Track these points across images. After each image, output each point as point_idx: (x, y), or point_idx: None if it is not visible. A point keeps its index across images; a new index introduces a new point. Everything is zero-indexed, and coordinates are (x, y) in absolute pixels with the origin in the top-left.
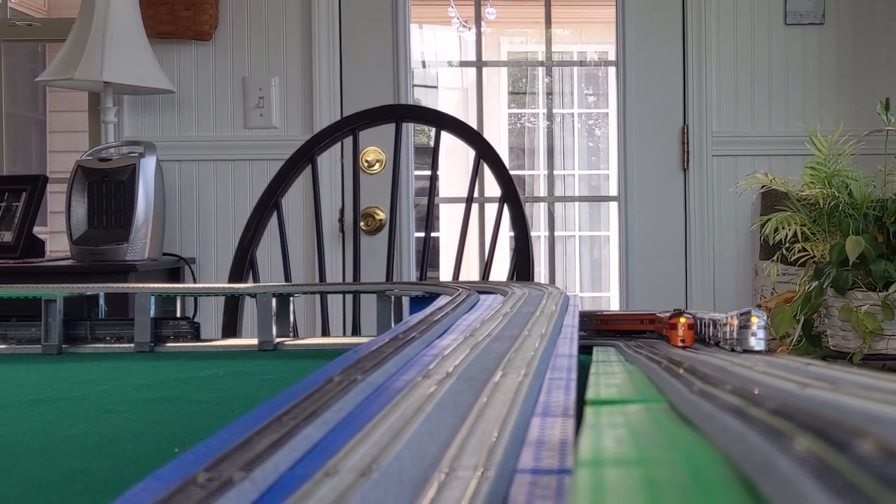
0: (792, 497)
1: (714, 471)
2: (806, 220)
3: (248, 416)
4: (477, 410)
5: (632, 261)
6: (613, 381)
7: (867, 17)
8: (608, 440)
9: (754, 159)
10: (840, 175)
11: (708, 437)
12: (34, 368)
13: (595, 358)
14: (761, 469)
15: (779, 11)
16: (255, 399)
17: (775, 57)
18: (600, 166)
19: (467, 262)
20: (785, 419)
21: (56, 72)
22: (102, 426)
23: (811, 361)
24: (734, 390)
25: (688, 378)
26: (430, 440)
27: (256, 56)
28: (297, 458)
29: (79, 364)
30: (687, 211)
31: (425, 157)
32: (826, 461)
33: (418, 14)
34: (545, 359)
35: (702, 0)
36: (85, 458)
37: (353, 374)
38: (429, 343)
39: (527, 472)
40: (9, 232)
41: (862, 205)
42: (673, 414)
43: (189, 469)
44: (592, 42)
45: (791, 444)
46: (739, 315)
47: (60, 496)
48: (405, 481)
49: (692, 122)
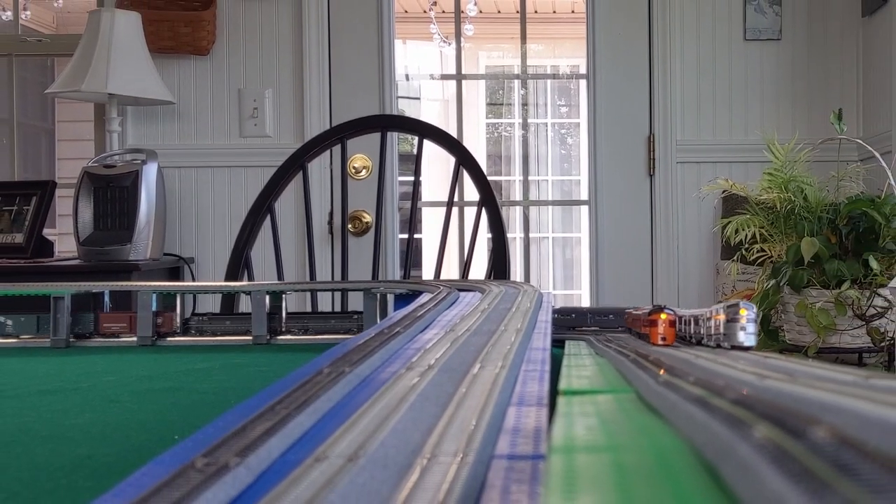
0: (751, 481)
1: (679, 457)
2: (764, 223)
3: (242, 405)
4: (457, 400)
5: (601, 261)
6: (584, 372)
7: (821, 33)
8: (579, 428)
9: (716, 166)
10: (796, 181)
11: (673, 426)
12: (43, 361)
13: (567, 351)
14: (722, 455)
15: (738, 28)
16: (249, 390)
17: (735, 70)
18: (572, 172)
19: (448, 261)
20: (744, 409)
21: (64, 84)
22: (107, 415)
23: (769, 355)
24: (697, 382)
25: (654, 370)
26: (414, 428)
27: (251, 69)
28: (289, 445)
29: (85, 357)
30: (653, 214)
31: (409, 163)
32: (783, 448)
33: (402, 30)
34: (520, 352)
35: (667, 17)
36: (91, 445)
37: (342, 366)
38: (412, 337)
39: (503, 458)
40: (20, 234)
41: (816, 208)
42: (640, 403)
43: (188, 455)
44: (564, 56)
45: (750, 432)
46: (726, 308)
47: (68, 480)
48: (390, 466)
49: (658, 131)
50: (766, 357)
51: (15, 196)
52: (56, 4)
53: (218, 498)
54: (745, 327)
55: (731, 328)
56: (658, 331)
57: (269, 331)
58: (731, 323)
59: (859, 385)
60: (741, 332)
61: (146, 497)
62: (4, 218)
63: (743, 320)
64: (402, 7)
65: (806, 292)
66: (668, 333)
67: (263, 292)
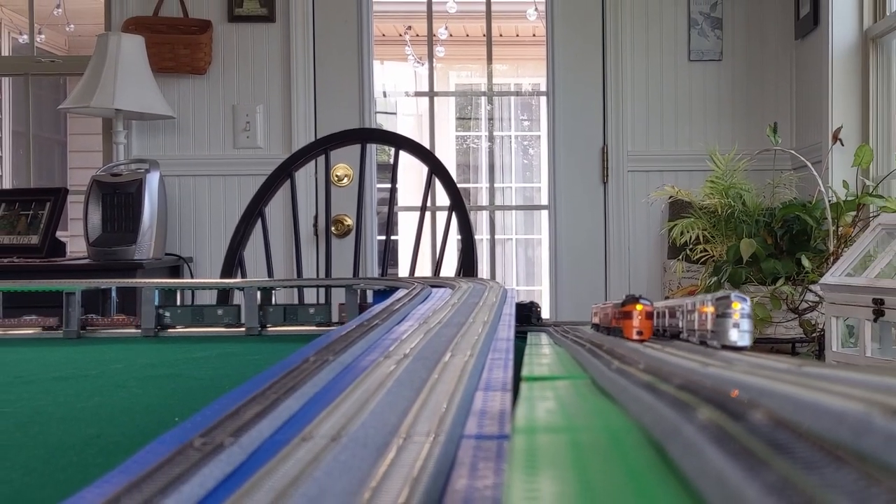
0: (695, 459)
1: (629, 437)
2: (706, 226)
3: (236, 390)
4: (430, 386)
5: (560, 260)
6: (544, 360)
7: (758, 54)
8: (540, 411)
9: (663, 174)
10: (735, 187)
11: (624, 408)
12: (57, 350)
13: (529, 341)
14: (669, 435)
15: (683, 50)
16: (242, 376)
17: (681, 88)
18: (533, 180)
19: (421, 260)
20: (689, 393)
21: (75, 101)
22: (115, 399)
23: (766, 356)
24: (646, 368)
25: (607, 358)
26: (391, 410)
27: (244, 87)
28: (278, 426)
29: (94, 346)
30: (606, 218)
31: (386, 172)
32: (724, 428)
33: (380, 52)
34: (487, 342)
35: (619, 40)
36: (100, 426)
37: (326, 354)
38: (389, 329)
39: (472, 438)
40: (35, 235)
41: (754, 212)
42: (594, 388)
43: (187, 435)
44: (527, 76)
45: (694, 415)
46: (716, 301)
47: (79, 457)
48: (369, 445)
49: (611, 143)
50: (764, 358)
51: (31, 201)
52: (68, 28)
53: (214, 474)
54: (738, 324)
55: (722, 324)
56: (633, 324)
57: (259, 323)
58: (721, 318)
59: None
60: (734, 330)
61: (150, 473)
62: (21, 221)
63: (736, 315)
64: (380, 31)
65: (744, 288)
66: (644, 327)
67: (255, 288)
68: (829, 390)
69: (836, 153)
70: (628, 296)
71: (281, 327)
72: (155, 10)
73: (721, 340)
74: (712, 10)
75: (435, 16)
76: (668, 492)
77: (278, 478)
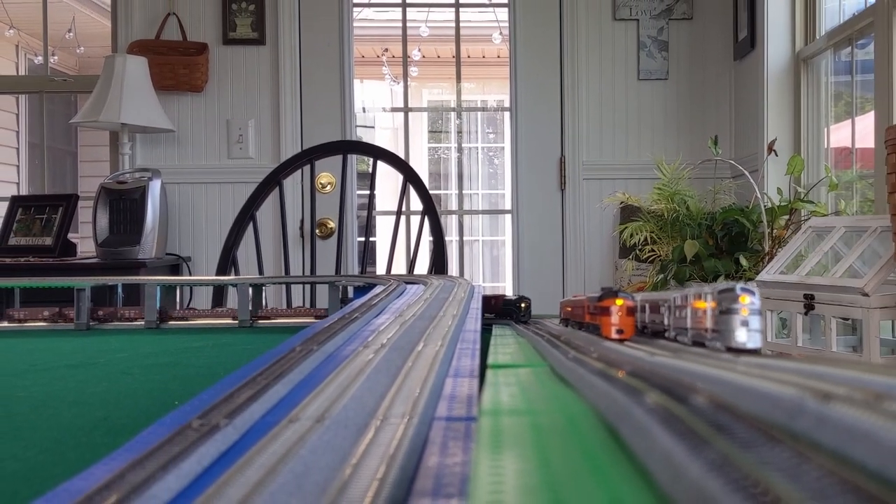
0: (644, 439)
1: (585, 419)
2: (654, 228)
3: (230, 376)
4: (404, 372)
5: (522, 259)
6: (508, 350)
7: (700, 74)
8: (504, 395)
9: (615, 182)
10: (680, 194)
11: (580, 393)
12: (68, 340)
13: (494, 332)
14: (621, 417)
15: (633, 69)
16: (235, 364)
17: (630, 104)
18: (498, 187)
19: (397, 260)
20: (638, 379)
21: (85, 115)
22: (120, 385)
23: (786, 357)
24: (599, 357)
25: (564, 348)
26: (369, 395)
27: (237, 104)
28: (268, 409)
29: (102, 337)
30: (563, 221)
31: (365, 180)
32: (670, 411)
33: (360, 72)
34: (456, 333)
35: (575, 61)
36: (107, 409)
37: (311, 344)
38: (368, 321)
39: (442, 419)
40: (49, 237)
41: (696, 216)
42: (553, 375)
43: (186, 417)
44: (492, 93)
45: (643, 399)
46: (718, 294)
47: (88, 438)
48: (350, 426)
49: (568, 154)
50: (784, 360)
51: (45, 206)
52: (78, 50)
53: (210, 452)
54: (746, 321)
55: (726, 322)
56: (612, 321)
57: (251, 316)
58: (725, 315)
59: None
60: (741, 329)
61: (152, 451)
62: (36, 224)
63: (744, 311)
64: (360, 53)
65: (688, 285)
66: (625, 324)
67: (247, 285)
68: (765, 377)
69: (770, 163)
70: (605, 289)
71: (270, 320)
72: (157, 34)
73: (726, 341)
74: (659, 34)
75: (409, 39)
76: (619, 469)
77: (268, 456)
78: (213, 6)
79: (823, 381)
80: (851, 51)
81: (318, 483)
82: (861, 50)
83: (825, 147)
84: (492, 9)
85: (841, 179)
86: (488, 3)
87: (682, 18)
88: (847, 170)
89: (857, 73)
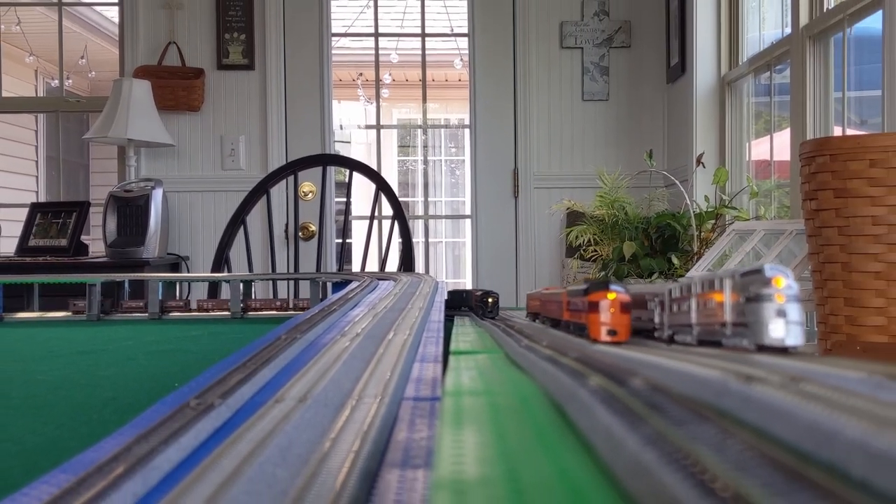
0: (588, 417)
1: (536, 399)
2: (596, 231)
3: (223, 362)
4: (377, 358)
5: (480, 258)
6: (468, 338)
7: (637, 95)
8: (465, 378)
9: (562, 190)
10: (619, 201)
11: (531, 377)
12: (81, 330)
13: (455, 323)
14: (567, 398)
15: (578, 91)
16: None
17: (576, 122)
18: (459, 195)
19: (370, 259)
20: (583, 365)
21: (96, 132)
22: (127, 369)
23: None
24: (549, 345)
25: (517, 336)
26: (346, 378)
27: (230, 122)
28: (256, 390)
29: (111, 327)
30: (517, 225)
31: (342, 189)
32: (611, 392)
33: (337, 93)
34: (422, 323)
35: (527, 84)
36: (115, 390)
37: (294, 333)
38: (344, 313)
39: (410, 399)
40: (64, 239)
41: (634, 220)
42: (508, 361)
43: (184, 397)
44: (454, 112)
45: (587, 381)
46: (741, 277)
47: (98, 415)
48: (330, 405)
49: (520, 166)
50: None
51: (60, 212)
52: (90, 75)
53: (206, 428)
54: (783, 311)
55: (758, 313)
56: (602, 319)
57: (241, 308)
58: (754, 304)
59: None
60: (778, 321)
61: (155, 427)
62: (53, 227)
63: (779, 298)
64: (338, 76)
65: (626, 281)
66: (619, 323)
67: (238, 281)
68: (695, 362)
69: (699, 174)
70: (593, 282)
71: (259, 312)
72: (159, 60)
73: (756, 338)
74: (601, 60)
75: (381, 65)
76: (566, 443)
77: (257, 431)
78: (208, 36)
79: (746, 365)
80: (770, 75)
81: (300, 455)
82: (778, 74)
83: (747, 160)
84: (454, 38)
85: (761, 188)
86: (450, 33)
87: (621, 46)
88: (766, 180)
89: (775, 95)
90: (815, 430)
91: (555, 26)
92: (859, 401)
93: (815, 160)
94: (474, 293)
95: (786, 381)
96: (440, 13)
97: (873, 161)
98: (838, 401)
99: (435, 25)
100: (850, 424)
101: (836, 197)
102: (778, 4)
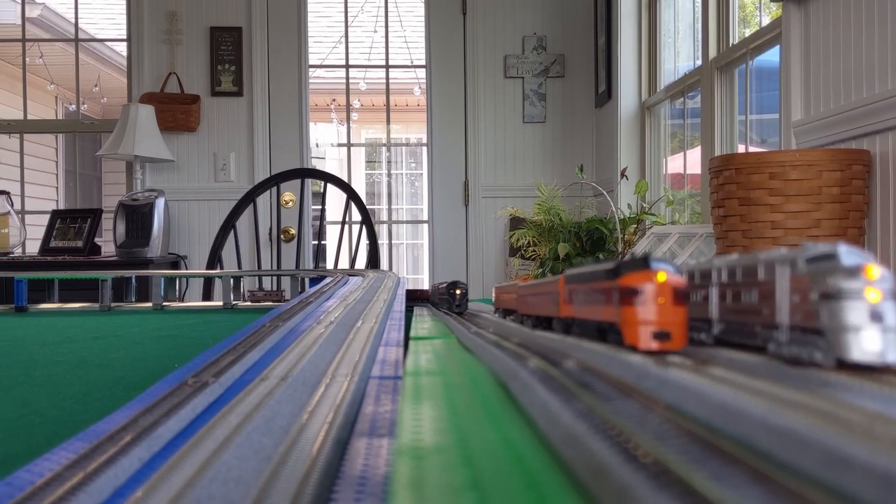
0: (528, 393)
1: (484, 378)
2: (535, 234)
3: (216, 346)
4: (347, 343)
5: (436, 258)
6: (425, 325)
7: (570, 118)
8: (423, 360)
9: (506, 199)
10: (555, 208)
11: (480, 359)
12: (94, 319)
13: (415, 313)
14: (510, 377)
15: (519, 114)
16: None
17: (518, 141)
18: (418, 203)
19: (342, 258)
20: (523, 348)
21: (107, 149)
22: (134, 352)
23: None
24: (495, 332)
25: (467, 324)
26: (322, 359)
27: (221, 140)
28: (245, 370)
29: (120, 316)
30: (467, 229)
31: (318, 197)
32: (548, 372)
33: (314, 116)
34: (387, 313)
35: (475, 107)
36: (123, 371)
37: (277, 321)
38: (320, 304)
39: (376, 378)
40: (80, 240)
41: (567, 225)
42: (460, 345)
43: (182, 376)
44: (414, 132)
45: (527, 363)
46: (809, 261)
47: (109, 392)
48: (307, 383)
49: (470, 178)
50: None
51: (77, 217)
52: (102, 100)
53: (202, 403)
54: (878, 313)
55: (839, 315)
56: (643, 316)
57: (231, 300)
58: (834, 302)
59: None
60: (871, 328)
61: (158, 402)
62: (70, 231)
63: (871, 295)
64: (314, 102)
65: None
66: (671, 321)
67: (230, 277)
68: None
69: (623, 185)
70: (628, 260)
71: (246, 303)
72: (161, 88)
73: (839, 350)
74: (539, 88)
75: (351, 91)
76: (509, 416)
77: (245, 405)
78: (203, 67)
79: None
80: (684, 101)
81: (282, 426)
82: (691, 100)
83: (664, 173)
84: (413, 69)
85: (676, 197)
86: (411, 64)
87: (556, 76)
88: (680, 190)
89: (688, 118)
90: (724, 409)
91: (499, 59)
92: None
93: (722, 173)
94: (438, 286)
95: (697, 364)
96: (402, 48)
97: (772, 174)
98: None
99: (397, 58)
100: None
101: (741, 205)
102: (690, 40)
